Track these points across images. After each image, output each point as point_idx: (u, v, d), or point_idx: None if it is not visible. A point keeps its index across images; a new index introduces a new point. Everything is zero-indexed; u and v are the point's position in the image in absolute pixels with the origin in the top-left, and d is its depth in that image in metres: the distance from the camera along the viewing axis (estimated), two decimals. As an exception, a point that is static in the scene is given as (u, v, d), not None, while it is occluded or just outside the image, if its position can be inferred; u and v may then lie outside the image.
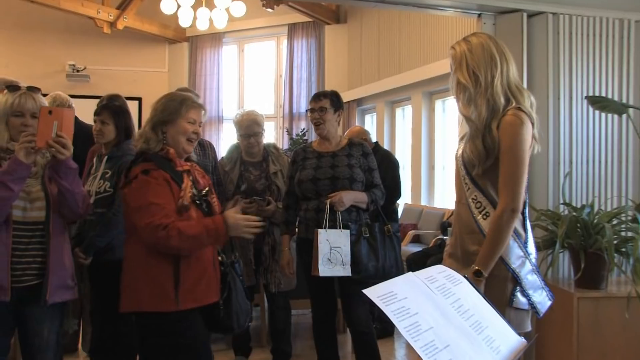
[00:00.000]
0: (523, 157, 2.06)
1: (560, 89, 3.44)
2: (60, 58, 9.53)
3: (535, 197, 3.44)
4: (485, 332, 1.35)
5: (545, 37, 3.45)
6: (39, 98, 2.45)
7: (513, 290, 2.09)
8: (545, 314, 2.20)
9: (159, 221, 2.17)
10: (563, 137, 3.45)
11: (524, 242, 2.13)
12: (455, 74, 2.17)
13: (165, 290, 2.23)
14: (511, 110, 2.08)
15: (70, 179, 2.37)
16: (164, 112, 2.36)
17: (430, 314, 1.25)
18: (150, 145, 2.33)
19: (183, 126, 2.36)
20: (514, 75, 2.17)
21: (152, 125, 2.36)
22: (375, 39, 8.53)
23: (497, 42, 2.18)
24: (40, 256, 2.39)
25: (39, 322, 2.42)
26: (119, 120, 3.23)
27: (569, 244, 3.02)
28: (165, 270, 2.25)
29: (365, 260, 3.08)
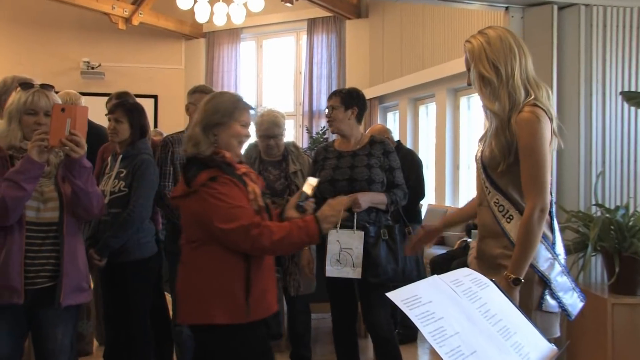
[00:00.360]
0: (544, 154, 2.04)
1: (593, 85, 3.40)
2: (74, 55, 9.65)
3: (565, 197, 3.41)
4: (514, 338, 1.33)
5: (577, 30, 3.41)
6: (53, 96, 2.47)
7: (542, 293, 2.07)
8: (577, 320, 2.17)
9: (249, 221, 2.17)
10: (595, 134, 3.41)
11: (551, 243, 2.11)
12: (476, 67, 2.16)
13: (237, 301, 2.23)
14: (527, 106, 2.08)
15: (85, 178, 2.37)
16: (216, 114, 2.32)
17: (456, 318, 1.24)
18: (201, 149, 2.29)
19: (236, 129, 2.34)
20: (531, 69, 2.17)
21: (202, 127, 2.31)
22: (397, 34, 8.51)
23: (514, 34, 2.18)
24: (54, 258, 2.40)
25: (53, 326, 2.44)
26: (134, 119, 3.26)
27: (602, 247, 2.99)
28: (237, 280, 2.24)
29: (384, 263, 3.07)
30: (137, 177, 3.17)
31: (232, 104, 2.36)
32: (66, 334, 2.48)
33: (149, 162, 3.23)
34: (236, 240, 2.19)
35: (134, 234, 3.19)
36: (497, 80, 2.11)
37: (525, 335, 1.38)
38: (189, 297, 2.30)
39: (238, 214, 2.19)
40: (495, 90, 2.12)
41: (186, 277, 2.34)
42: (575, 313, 2.14)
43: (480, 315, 1.32)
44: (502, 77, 2.11)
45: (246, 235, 2.17)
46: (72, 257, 2.44)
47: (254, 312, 2.25)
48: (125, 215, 3.13)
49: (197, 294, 2.28)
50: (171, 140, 3.54)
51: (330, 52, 9.32)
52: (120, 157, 3.26)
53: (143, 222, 3.22)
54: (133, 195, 3.16)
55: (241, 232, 2.17)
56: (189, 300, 2.30)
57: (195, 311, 2.28)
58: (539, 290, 2.07)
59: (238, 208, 2.21)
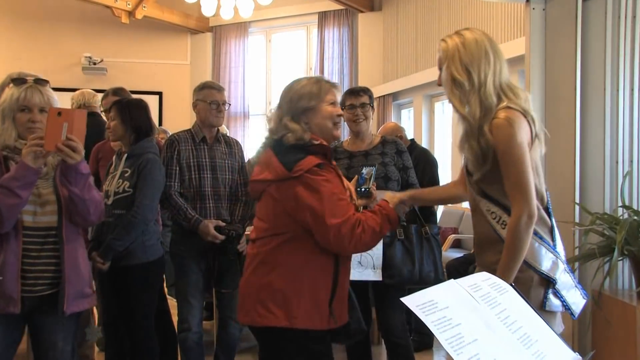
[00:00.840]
0: (522, 159, 2.05)
1: (620, 80, 3.38)
2: (75, 50, 9.70)
3: (590, 198, 3.38)
4: (535, 347, 1.32)
5: (604, 21, 3.38)
6: (47, 91, 2.44)
7: (545, 293, 2.10)
8: (603, 328, 2.17)
9: (355, 217, 2.15)
10: (622, 133, 3.38)
11: (552, 244, 2.14)
12: (448, 69, 2.18)
13: (320, 305, 2.20)
14: (501, 110, 2.09)
15: (81, 185, 2.35)
16: (302, 100, 2.30)
17: (474, 325, 1.24)
18: (299, 136, 2.25)
19: (327, 110, 2.31)
20: (506, 75, 2.19)
21: (291, 116, 2.29)
22: (412, 28, 8.49)
23: (491, 39, 2.20)
24: (54, 264, 2.38)
25: (53, 333, 2.42)
26: (125, 116, 3.28)
27: (630, 251, 2.97)
28: (323, 282, 2.21)
29: (399, 264, 3.07)
30: (142, 177, 3.18)
31: (314, 85, 2.34)
32: (67, 341, 2.47)
33: (155, 161, 3.24)
34: (341, 236, 2.13)
35: (138, 237, 3.20)
36: (468, 84, 2.14)
37: (547, 344, 1.37)
38: (263, 297, 2.22)
39: (345, 208, 2.16)
40: (465, 93, 2.14)
41: (260, 274, 2.25)
42: (578, 311, 2.16)
43: (500, 322, 1.31)
44: (473, 82, 2.13)
45: (352, 232, 2.13)
46: (74, 262, 2.41)
47: (339, 317, 2.23)
48: (129, 217, 3.14)
49: (273, 294, 2.20)
50: (177, 139, 3.54)
51: (342, 46, 9.31)
52: (125, 156, 3.27)
53: (148, 224, 3.23)
54: (138, 196, 3.17)
55: (349, 228, 2.12)
56: (265, 301, 2.21)
57: (269, 313, 2.19)
58: (541, 291, 2.10)
59: (344, 201, 2.18)
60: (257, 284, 2.25)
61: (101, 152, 3.86)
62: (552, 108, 3.73)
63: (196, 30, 10.20)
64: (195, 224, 3.38)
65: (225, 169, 3.56)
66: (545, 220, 2.16)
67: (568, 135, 3.56)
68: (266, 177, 2.26)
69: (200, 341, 3.50)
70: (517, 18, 5.75)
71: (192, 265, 3.48)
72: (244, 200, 3.61)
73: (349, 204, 2.19)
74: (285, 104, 2.32)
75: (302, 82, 2.37)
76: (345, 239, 2.12)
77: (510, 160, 2.06)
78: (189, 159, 3.49)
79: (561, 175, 3.63)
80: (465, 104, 2.15)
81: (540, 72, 3.76)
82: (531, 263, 2.09)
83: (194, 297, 3.47)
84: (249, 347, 4.65)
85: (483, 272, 1.51)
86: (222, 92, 3.59)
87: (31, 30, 9.54)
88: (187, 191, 3.48)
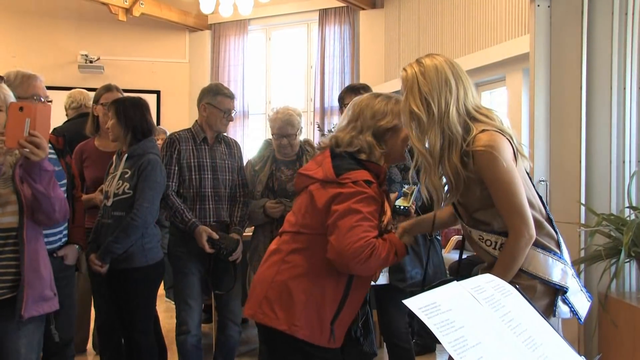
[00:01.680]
0: (512, 182, 2.05)
1: (627, 78, 3.38)
2: (71, 48, 9.69)
3: (596, 199, 3.38)
4: (540, 350, 1.32)
5: (610, 18, 3.38)
6: (3, 89, 2.37)
7: (554, 301, 2.10)
8: (610, 332, 2.17)
9: (372, 240, 2.12)
10: (629, 132, 3.38)
11: (559, 254, 2.14)
12: (406, 100, 2.16)
13: (323, 320, 2.20)
14: (478, 137, 2.06)
15: (46, 182, 2.30)
16: (386, 118, 2.29)
17: (478, 328, 1.23)
18: (373, 157, 2.27)
19: (405, 134, 2.29)
20: (473, 99, 2.16)
21: (372, 134, 2.28)
22: (415, 25, 8.48)
23: (454, 64, 2.17)
24: (14, 267, 2.32)
25: (15, 339, 2.35)
26: (120, 115, 3.28)
27: (637, 252, 2.96)
28: (331, 300, 2.20)
29: (409, 267, 3.07)
30: (143, 178, 3.17)
31: (395, 105, 2.31)
32: (31, 348, 2.40)
33: (155, 162, 3.23)
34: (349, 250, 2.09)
35: (138, 240, 3.19)
36: (426, 117, 2.11)
37: (552, 347, 1.36)
38: (270, 296, 2.23)
39: (364, 226, 2.12)
40: (423, 127, 2.12)
41: (274, 272, 2.27)
42: (584, 315, 2.17)
43: (504, 325, 1.31)
44: (433, 114, 2.10)
45: (362, 251, 2.09)
46: (34, 264, 2.35)
47: (336, 339, 2.22)
48: (128, 219, 3.14)
49: (280, 295, 2.21)
50: (177, 138, 3.55)
51: (344, 44, 9.30)
52: (125, 156, 3.27)
53: (147, 227, 3.22)
54: (137, 198, 3.16)
55: (361, 246, 2.09)
56: (270, 299, 2.23)
57: (272, 313, 2.21)
58: (549, 299, 2.10)
59: (367, 221, 2.14)
60: (268, 281, 2.26)
61: (85, 151, 3.83)
62: (558, 107, 3.73)
63: (195, 28, 10.20)
64: (191, 228, 3.39)
65: (225, 169, 3.58)
66: (548, 231, 2.15)
67: (574, 135, 3.56)
68: (314, 174, 2.28)
69: (198, 344, 3.51)
70: (521, 15, 5.74)
71: (190, 267, 3.48)
72: (243, 200, 3.61)
73: (370, 226, 2.16)
74: (365, 120, 2.30)
75: (382, 99, 2.34)
76: (351, 254, 2.10)
77: (501, 187, 2.05)
78: (190, 159, 3.50)
79: (567, 176, 3.63)
80: (423, 137, 2.13)
81: (545, 70, 3.75)
82: (539, 275, 2.08)
83: (193, 299, 3.47)
84: (248, 350, 4.65)
85: (487, 274, 1.51)
86: (234, 99, 3.66)
87: (26, 28, 9.53)
88: (186, 191, 3.48)
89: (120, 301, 3.29)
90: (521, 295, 1.46)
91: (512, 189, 2.04)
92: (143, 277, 3.24)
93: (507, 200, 2.05)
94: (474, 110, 2.14)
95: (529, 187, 2.16)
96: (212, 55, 10.16)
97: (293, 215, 2.33)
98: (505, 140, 2.07)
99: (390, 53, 9.10)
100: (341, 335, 2.27)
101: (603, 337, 3.23)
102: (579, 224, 3.42)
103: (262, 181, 3.66)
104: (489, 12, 6.77)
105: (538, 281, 2.08)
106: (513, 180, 2.04)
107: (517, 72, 5.61)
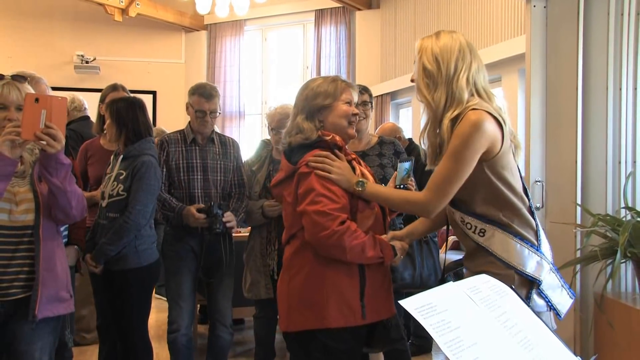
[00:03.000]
0: (465, 163, 2.08)
1: (623, 79, 3.38)
2: (67, 48, 9.67)
3: (592, 200, 3.38)
4: (536, 350, 1.32)
5: (606, 19, 3.38)
6: (26, 87, 2.37)
7: (528, 294, 2.11)
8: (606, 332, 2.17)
9: (338, 212, 2.18)
10: (625, 132, 3.38)
11: (536, 246, 2.15)
12: (420, 60, 2.22)
13: (351, 302, 2.23)
14: (471, 112, 2.10)
15: (62, 175, 2.27)
16: (317, 98, 2.37)
17: (474, 328, 1.24)
18: (307, 135, 2.34)
19: (342, 109, 2.37)
20: (483, 79, 2.21)
21: (305, 115, 2.37)
22: (411, 25, 8.49)
23: (471, 43, 2.23)
24: (29, 265, 2.31)
25: (29, 342, 2.33)
26: (113, 116, 3.28)
27: (633, 253, 2.96)
28: (349, 283, 2.24)
29: (400, 268, 3.07)
30: (136, 180, 3.16)
31: (330, 83, 2.40)
32: (44, 351, 2.38)
33: (150, 164, 3.22)
34: (317, 225, 2.16)
35: (131, 241, 3.19)
36: (437, 73, 2.17)
37: (548, 347, 1.37)
38: (293, 303, 2.28)
39: (324, 202, 2.19)
40: (435, 82, 2.17)
41: (286, 280, 2.33)
42: (564, 312, 2.19)
43: (500, 325, 1.31)
44: (442, 73, 2.16)
45: (330, 223, 2.15)
46: (50, 263, 2.34)
47: (370, 312, 2.25)
48: (121, 221, 3.13)
49: (300, 298, 2.26)
50: (167, 140, 3.57)
51: (339, 45, 9.30)
52: (121, 157, 3.26)
53: (140, 229, 3.21)
54: (130, 200, 3.16)
55: (324, 217, 2.16)
56: (297, 306, 2.27)
57: (301, 316, 2.25)
58: (523, 292, 2.11)
59: (333, 194, 2.21)
60: (285, 291, 2.33)
61: (90, 150, 3.85)
62: (554, 107, 3.73)
63: (191, 29, 10.19)
64: (179, 211, 3.42)
65: (217, 169, 3.57)
66: (529, 221, 2.17)
67: (569, 135, 3.56)
68: (279, 178, 2.37)
69: (189, 343, 3.52)
70: (517, 15, 5.75)
71: (182, 267, 3.50)
72: (237, 197, 3.62)
73: (340, 199, 2.22)
74: (300, 102, 2.40)
75: (318, 80, 2.44)
76: (320, 228, 2.16)
77: (455, 157, 2.08)
78: (179, 160, 3.51)
79: (563, 176, 3.63)
80: (433, 91, 2.18)
81: (541, 70, 3.76)
82: (514, 265, 2.11)
83: (184, 299, 3.49)
84: (243, 351, 4.65)
85: (483, 275, 1.51)
86: (211, 100, 3.55)
87: (22, 28, 9.51)
88: (177, 192, 3.50)
89: (115, 302, 3.29)
90: (517, 296, 1.47)
91: (459, 166, 2.08)
92: (137, 278, 3.24)
93: (447, 170, 2.10)
94: (482, 89, 2.19)
95: (513, 174, 2.18)
96: (208, 55, 10.16)
97: (285, 225, 2.39)
98: (493, 123, 2.09)
99: (386, 53, 9.11)
100: (376, 308, 2.28)
101: (599, 337, 3.24)
102: (575, 225, 3.42)
103: (260, 181, 3.66)
104: (485, 12, 6.78)
105: (514, 271, 2.10)
106: (466, 163, 2.08)
107: (513, 73, 5.62)
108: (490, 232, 2.14)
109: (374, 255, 2.23)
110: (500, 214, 2.14)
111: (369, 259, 2.24)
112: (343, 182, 2.24)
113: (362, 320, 2.23)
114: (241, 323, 5.48)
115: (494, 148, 2.10)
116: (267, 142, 3.82)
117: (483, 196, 2.15)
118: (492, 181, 2.13)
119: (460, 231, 2.26)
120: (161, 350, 3.76)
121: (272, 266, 3.58)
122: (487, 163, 2.11)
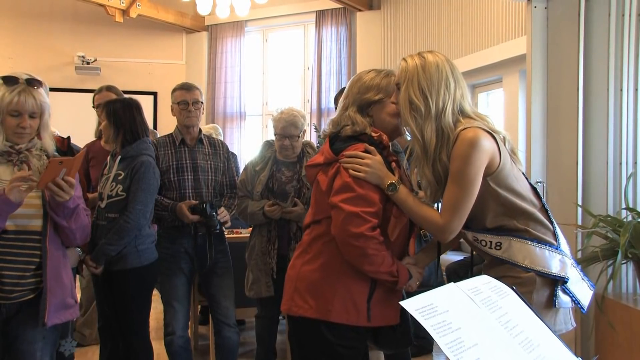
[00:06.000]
0: (472, 183, 2.07)
1: (624, 80, 3.38)
2: (68, 49, 9.67)
3: (593, 201, 3.38)
4: (537, 351, 1.32)
5: (607, 20, 3.39)
6: (40, 95, 2.39)
7: (554, 292, 2.11)
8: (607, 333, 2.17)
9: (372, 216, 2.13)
10: (626, 134, 3.38)
11: (555, 245, 2.15)
12: (406, 91, 2.16)
13: (357, 301, 2.20)
14: (466, 130, 2.08)
15: (68, 217, 2.37)
16: (370, 92, 2.30)
17: (475, 329, 1.24)
18: (359, 129, 2.27)
19: (391, 106, 2.31)
20: (468, 103, 2.19)
21: (357, 108, 2.30)
22: (411, 27, 8.49)
23: (452, 64, 2.19)
24: (33, 269, 2.33)
25: (31, 343, 2.35)
26: (110, 117, 3.29)
27: (633, 254, 2.96)
28: (359, 280, 2.20)
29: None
30: (135, 181, 3.18)
31: (384, 78, 2.33)
32: (45, 352, 2.40)
33: (149, 164, 3.24)
34: (349, 223, 2.11)
35: (131, 241, 3.19)
36: (425, 109, 2.12)
37: (549, 348, 1.37)
38: (300, 287, 2.25)
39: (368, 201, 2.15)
40: (422, 116, 2.13)
41: (300, 263, 2.29)
42: (587, 304, 2.18)
43: (501, 326, 1.31)
44: (430, 109, 2.12)
45: (359, 225, 2.10)
46: (56, 272, 2.37)
47: (375, 317, 2.22)
48: (121, 222, 3.14)
49: (308, 284, 2.23)
50: (156, 144, 3.61)
51: (340, 46, 9.30)
52: (119, 158, 3.26)
53: (140, 228, 3.22)
54: (130, 200, 3.17)
55: (357, 219, 2.10)
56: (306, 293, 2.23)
57: (305, 303, 2.22)
58: (547, 291, 2.11)
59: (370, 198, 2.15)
60: (296, 273, 2.29)
61: (91, 152, 3.88)
62: (554, 108, 3.73)
63: (191, 30, 10.19)
64: (172, 208, 3.46)
65: (207, 169, 3.63)
66: (543, 222, 2.17)
67: (570, 136, 3.56)
68: (317, 160, 2.32)
69: (186, 345, 3.53)
70: (518, 16, 5.75)
71: (176, 269, 3.53)
72: (230, 195, 3.68)
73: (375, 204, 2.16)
74: (352, 95, 2.33)
75: (371, 74, 2.38)
76: (351, 226, 2.10)
77: (461, 180, 2.07)
78: (169, 162, 3.55)
79: (563, 177, 3.63)
80: (421, 126, 2.14)
81: (542, 72, 3.76)
82: (536, 269, 2.09)
83: (178, 302, 3.51)
84: (244, 352, 4.65)
85: (484, 276, 1.51)
86: (192, 91, 3.66)
87: (23, 29, 9.51)
88: (168, 193, 3.53)
89: (116, 302, 3.29)
90: (518, 297, 1.46)
91: (466, 188, 2.06)
92: (137, 278, 3.25)
93: (455, 195, 2.08)
94: (468, 112, 2.16)
95: (518, 180, 2.17)
96: (208, 56, 10.15)
97: (311, 207, 2.35)
98: (490, 141, 2.08)
99: (387, 54, 9.11)
100: (381, 313, 2.24)
101: (600, 338, 3.23)
102: (575, 226, 3.42)
103: (262, 181, 3.66)
104: (486, 13, 6.79)
105: (535, 273, 2.09)
106: (472, 182, 2.06)
107: (514, 74, 5.62)
108: (506, 243, 2.13)
109: (388, 271, 2.18)
110: (515, 222, 2.13)
111: (381, 274, 2.18)
112: (373, 178, 2.17)
113: (366, 322, 2.21)
114: (242, 324, 5.48)
115: (494, 162, 2.10)
116: (270, 142, 3.83)
117: (494, 209, 2.14)
118: (500, 193, 2.11)
119: (476, 248, 2.26)
120: (162, 350, 3.75)
121: (272, 265, 3.59)
122: (491, 177, 2.10)
